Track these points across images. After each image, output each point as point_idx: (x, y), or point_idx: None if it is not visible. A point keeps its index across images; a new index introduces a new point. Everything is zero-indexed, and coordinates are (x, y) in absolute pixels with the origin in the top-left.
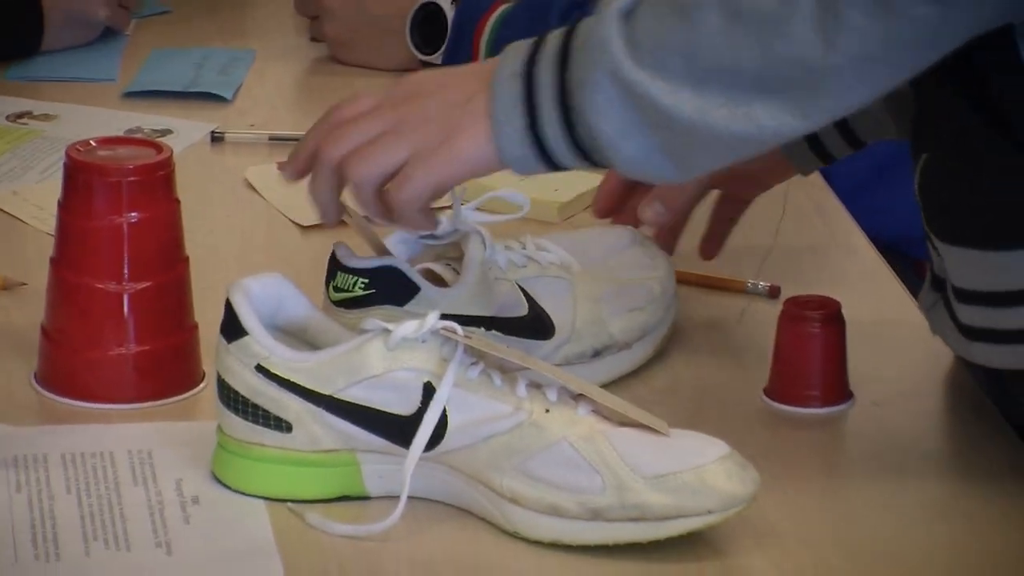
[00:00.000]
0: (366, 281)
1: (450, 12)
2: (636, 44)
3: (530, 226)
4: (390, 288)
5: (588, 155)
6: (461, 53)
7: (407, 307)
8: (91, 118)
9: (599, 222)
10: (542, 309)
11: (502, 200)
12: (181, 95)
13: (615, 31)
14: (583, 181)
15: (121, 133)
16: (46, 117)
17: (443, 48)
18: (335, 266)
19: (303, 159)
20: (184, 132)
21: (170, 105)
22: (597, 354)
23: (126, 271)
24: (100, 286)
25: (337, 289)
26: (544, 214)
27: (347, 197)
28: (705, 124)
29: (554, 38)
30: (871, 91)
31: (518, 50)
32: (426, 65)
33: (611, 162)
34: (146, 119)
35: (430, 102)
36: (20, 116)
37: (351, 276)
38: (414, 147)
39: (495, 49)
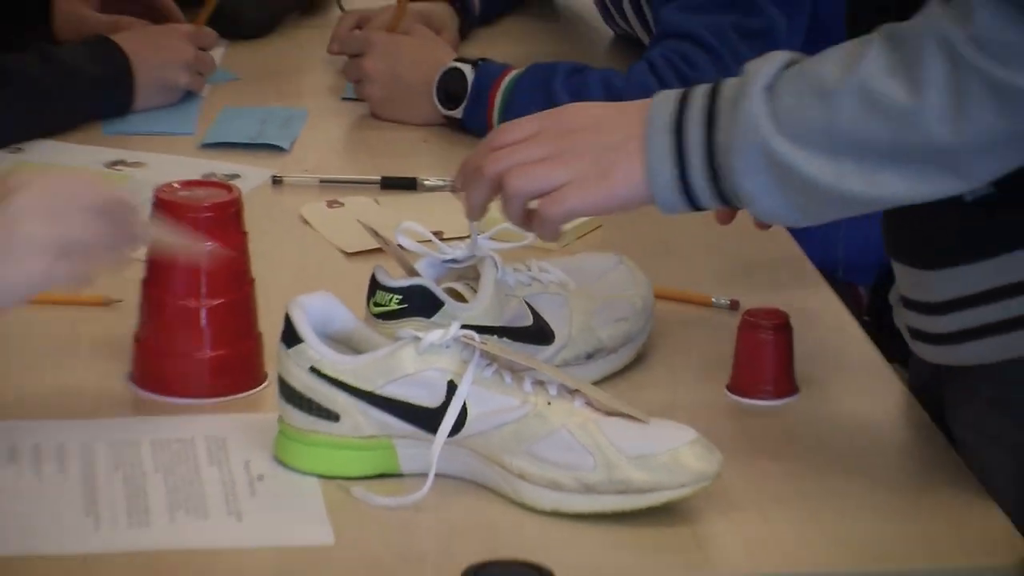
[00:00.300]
0: (400, 297)
1: (470, 75)
2: (779, 119)
3: (534, 252)
4: (420, 303)
5: (729, 202)
6: (479, 110)
7: (433, 319)
8: (173, 165)
9: (592, 248)
10: (544, 320)
11: (511, 231)
12: (247, 146)
13: (761, 106)
14: None
15: (198, 177)
16: (137, 164)
17: (464, 106)
18: (375, 285)
19: (467, 173)
20: (249, 176)
21: (238, 154)
22: (589, 357)
23: (203, 290)
24: (182, 303)
25: (376, 304)
26: (545, 242)
27: (384, 231)
28: (839, 189)
29: (699, 97)
30: (999, 168)
31: (666, 102)
32: (450, 120)
33: (749, 209)
34: (218, 166)
35: (588, 137)
36: (115, 163)
37: (388, 293)
38: (573, 174)
39: (507, 107)
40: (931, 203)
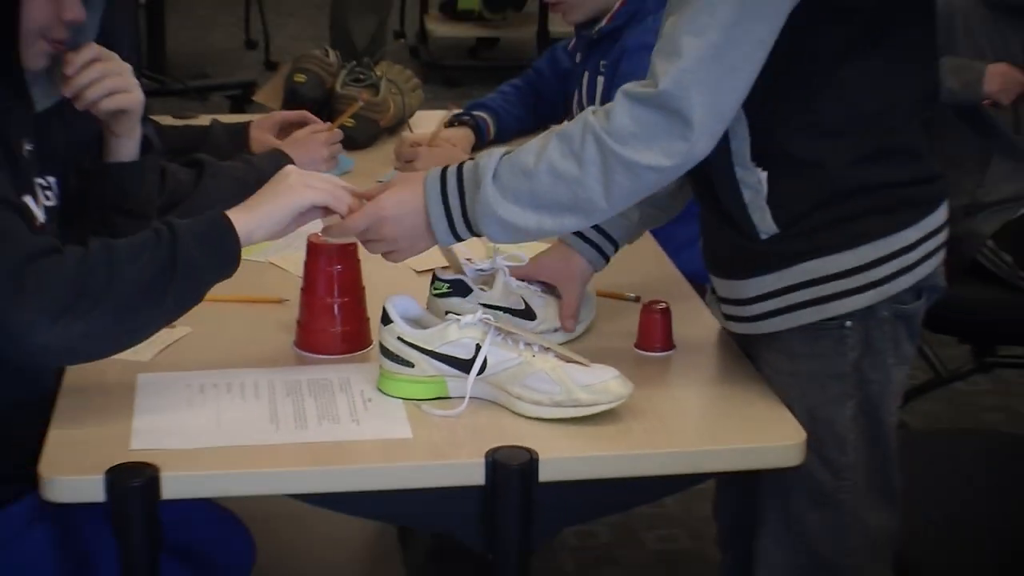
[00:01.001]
0: (448, 286)
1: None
2: (503, 192)
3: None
4: (459, 290)
5: (477, 235)
6: None
7: (467, 299)
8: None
9: None
10: (530, 306)
11: (515, 255)
12: None
13: (490, 188)
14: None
15: None
16: None
17: None
18: (434, 278)
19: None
20: None
21: None
22: (556, 330)
23: (336, 292)
24: (324, 300)
25: (435, 288)
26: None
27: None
28: (539, 229)
29: (451, 177)
30: (618, 209)
31: (433, 181)
32: None
33: (488, 240)
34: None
35: (400, 227)
36: None
37: (441, 283)
38: (402, 250)
39: None
40: (737, 238)
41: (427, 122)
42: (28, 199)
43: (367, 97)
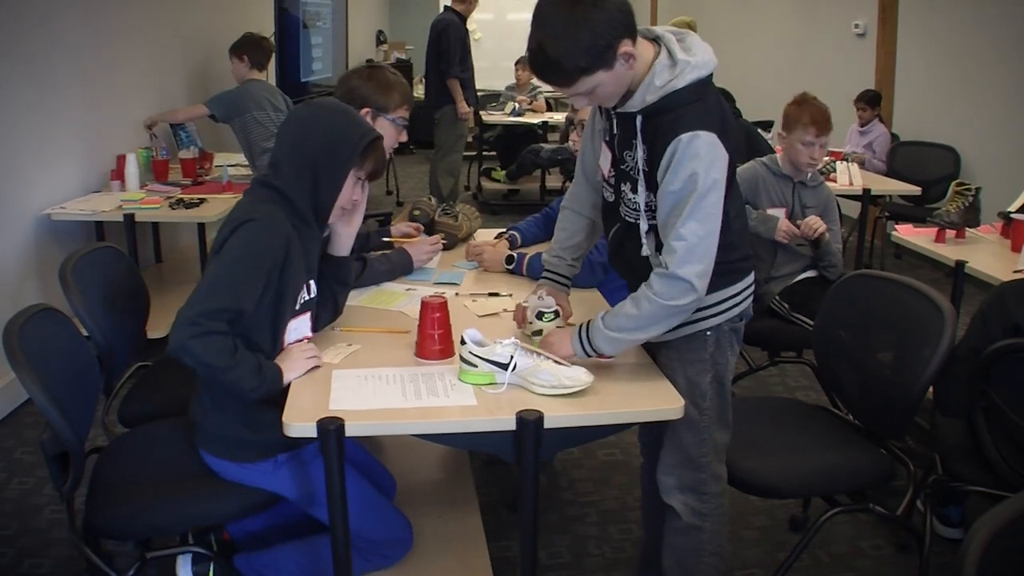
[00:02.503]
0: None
1: (515, 260)
2: (607, 326)
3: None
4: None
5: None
6: (519, 268)
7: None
8: (428, 289)
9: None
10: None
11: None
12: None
13: (599, 324)
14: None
15: (435, 293)
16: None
17: (513, 267)
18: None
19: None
20: (450, 293)
21: (439, 287)
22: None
23: (436, 327)
24: (430, 331)
25: (530, 325)
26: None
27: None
28: (632, 340)
29: (584, 329)
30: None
31: (574, 333)
32: (509, 271)
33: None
34: (436, 289)
35: (563, 344)
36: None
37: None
38: (564, 347)
39: (528, 269)
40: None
41: (484, 235)
42: (311, 282)
43: (450, 222)
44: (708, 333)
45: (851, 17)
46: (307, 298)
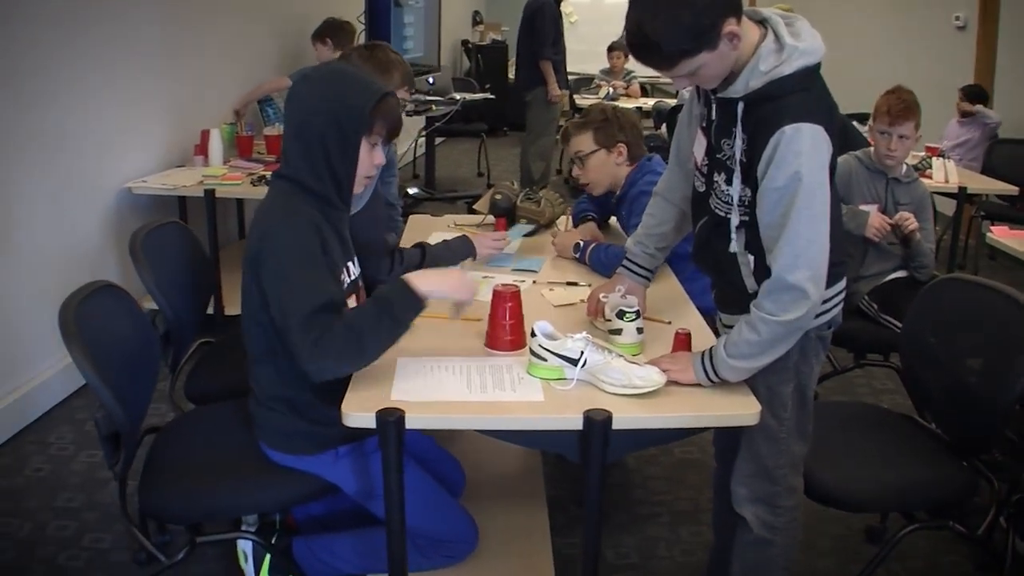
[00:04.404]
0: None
1: (580, 248)
2: (729, 354)
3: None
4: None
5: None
6: (583, 257)
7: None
8: (507, 276)
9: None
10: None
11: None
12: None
13: (721, 352)
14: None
15: (511, 281)
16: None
17: (578, 256)
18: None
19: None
20: (528, 281)
21: (518, 274)
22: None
23: (507, 317)
24: (502, 321)
25: (606, 320)
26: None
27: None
28: (754, 366)
29: (707, 356)
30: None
31: (696, 357)
32: (577, 259)
33: (725, 380)
34: (514, 276)
35: (686, 371)
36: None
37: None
38: (685, 372)
39: (591, 258)
40: (735, 292)
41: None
42: (349, 264)
43: (532, 208)
44: None
45: (951, 9)
46: (350, 279)
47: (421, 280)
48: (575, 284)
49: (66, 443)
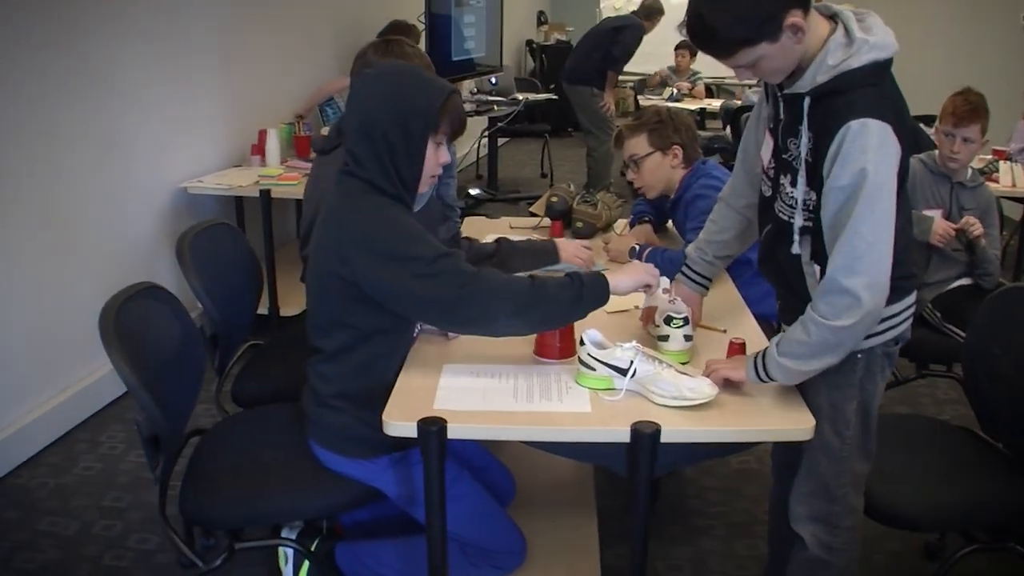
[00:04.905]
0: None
1: (636, 251)
2: (781, 353)
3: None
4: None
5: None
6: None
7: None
8: None
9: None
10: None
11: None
12: None
13: (774, 352)
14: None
15: None
16: None
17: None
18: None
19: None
20: None
21: None
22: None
23: (557, 331)
24: (551, 331)
25: (655, 326)
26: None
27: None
28: (804, 370)
29: (760, 357)
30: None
31: (749, 360)
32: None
33: (776, 381)
34: None
35: (738, 370)
36: None
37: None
38: (737, 371)
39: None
40: (799, 303)
41: (626, 226)
42: None
43: (588, 211)
44: (859, 356)
45: (1018, 9)
46: None
47: (616, 277)
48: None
49: (117, 442)
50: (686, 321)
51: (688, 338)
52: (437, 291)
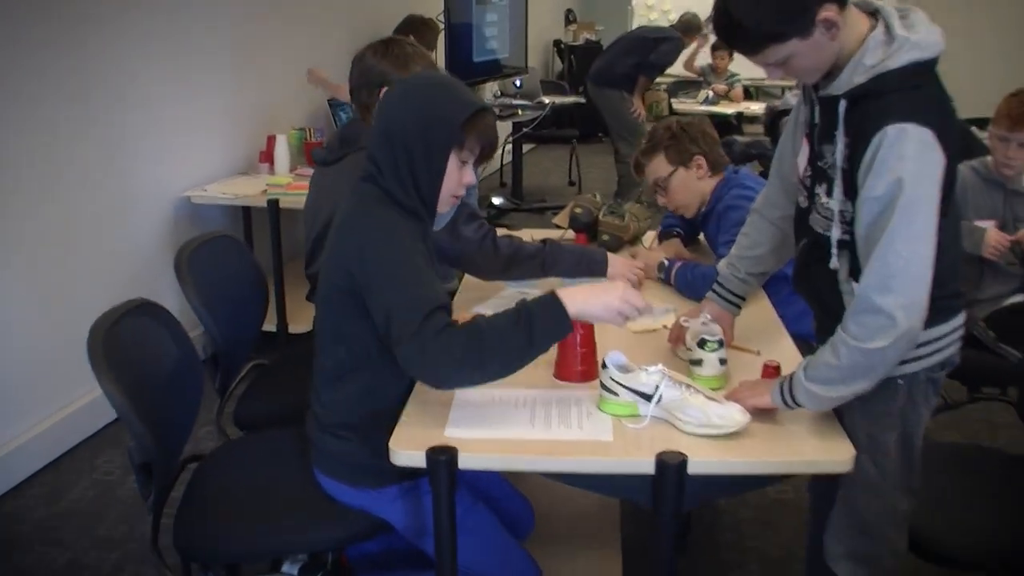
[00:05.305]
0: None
1: (665, 266)
2: (809, 377)
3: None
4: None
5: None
6: (668, 276)
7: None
8: None
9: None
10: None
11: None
12: None
13: (801, 376)
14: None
15: None
16: None
17: (662, 276)
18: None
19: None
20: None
21: None
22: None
23: (579, 345)
24: (573, 350)
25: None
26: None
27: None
28: (830, 396)
29: (786, 383)
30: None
31: (774, 385)
32: (661, 279)
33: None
34: None
35: (762, 396)
36: None
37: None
38: (761, 395)
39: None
40: (836, 324)
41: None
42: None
43: (615, 223)
44: (900, 382)
45: None
46: None
47: (573, 297)
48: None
49: (113, 467)
50: (721, 344)
51: (723, 362)
52: (411, 339)
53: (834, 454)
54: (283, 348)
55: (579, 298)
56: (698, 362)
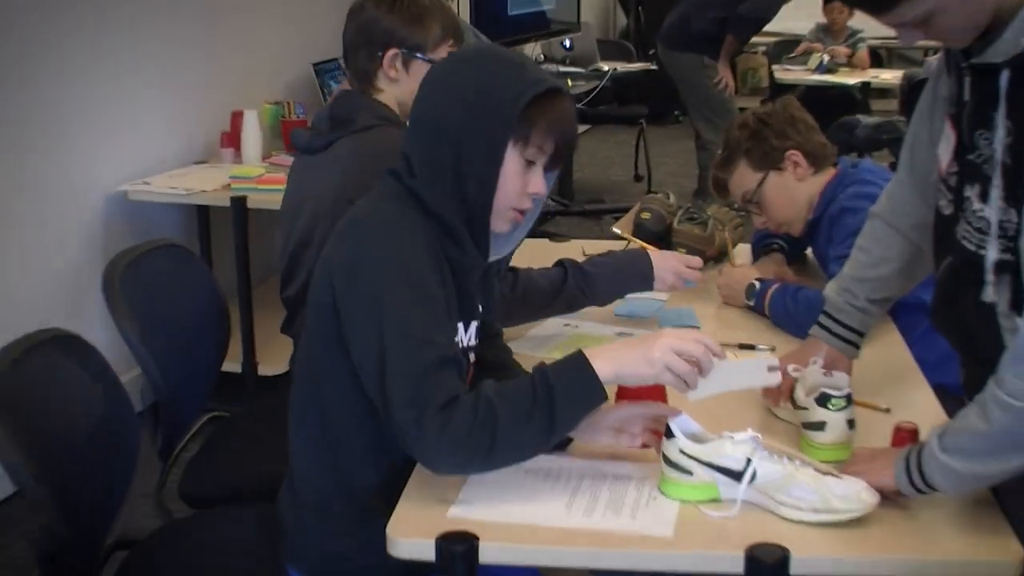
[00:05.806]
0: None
1: (756, 288)
2: (947, 451)
3: None
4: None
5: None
6: (761, 304)
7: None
8: None
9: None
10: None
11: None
12: None
13: (935, 447)
14: None
15: None
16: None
17: (753, 304)
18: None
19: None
20: None
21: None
22: None
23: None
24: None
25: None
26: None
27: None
28: (984, 475)
29: (914, 461)
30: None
31: (899, 461)
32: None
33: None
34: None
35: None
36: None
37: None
38: (876, 472)
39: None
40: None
41: (747, 253)
42: (462, 325)
43: (694, 232)
44: None
45: None
46: (459, 347)
47: (606, 358)
48: (751, 347)
49: (20, 550)
50: (849, 400)
51: (851, 424)
52: (396, 405)
53: (996, 552)
54: (250, 396)
55: (611, 355)
56: (818, 425)
